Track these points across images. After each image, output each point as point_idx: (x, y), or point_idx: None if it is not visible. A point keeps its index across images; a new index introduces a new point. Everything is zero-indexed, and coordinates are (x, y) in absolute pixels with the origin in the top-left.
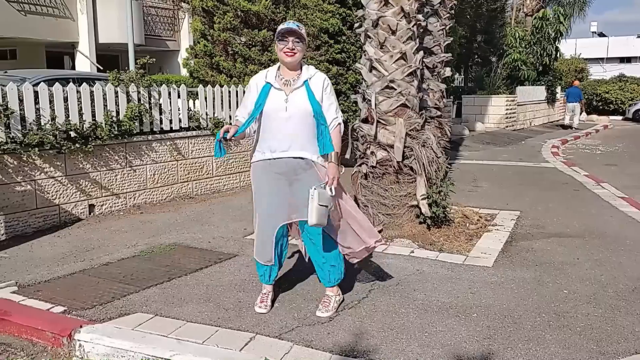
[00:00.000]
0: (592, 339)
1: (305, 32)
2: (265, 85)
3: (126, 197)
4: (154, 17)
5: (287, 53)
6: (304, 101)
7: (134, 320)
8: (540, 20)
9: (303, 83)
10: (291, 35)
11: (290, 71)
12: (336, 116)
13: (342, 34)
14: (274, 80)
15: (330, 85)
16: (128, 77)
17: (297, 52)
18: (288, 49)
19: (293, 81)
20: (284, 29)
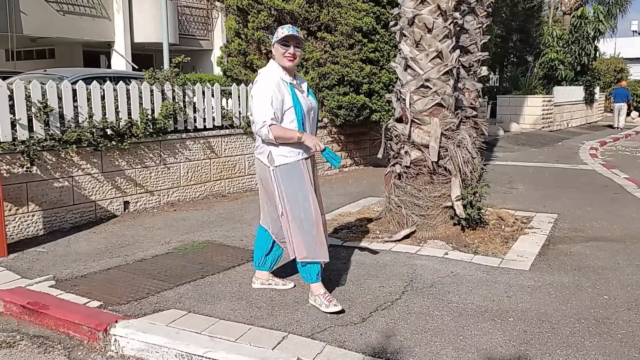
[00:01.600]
0: (634, 347)
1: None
2: (290, 85)
3: (160, 194)
4: (188, 17)
5: (288, 58)
6: (314, 101)
7: (167, 316)
8: (579, 19)
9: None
10: (293, 41)
11: (291, 74)
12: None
13: (376, 32)
14: (292, 80)
15: None
16: (163, 75)
17: (297, 57)
18: (290, 54)
19: (297, 84)
20: (286, 35)
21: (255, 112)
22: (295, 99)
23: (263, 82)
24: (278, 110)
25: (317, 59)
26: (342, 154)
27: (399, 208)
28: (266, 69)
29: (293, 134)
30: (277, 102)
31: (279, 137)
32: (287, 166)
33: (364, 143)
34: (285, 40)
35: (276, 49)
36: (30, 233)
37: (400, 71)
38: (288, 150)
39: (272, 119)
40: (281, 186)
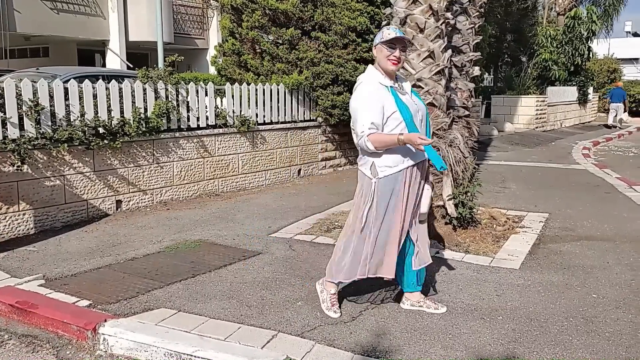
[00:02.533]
0: (621, 345)
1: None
2: (391, 89)
3: (153, 193)
4: (183, 16)
5: (393, 61)
6: (422, 103)
7: (157, 315)
8: (573, 20)
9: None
10: (399, 44)
11: (392, 78)
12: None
13: (370, 32)
14: (393, 84)
15: None
16: (156, 74)
17: (401, 61)
18: (395, 57)
19: (400, 87)
20: (393, 37)
21: (356, 125)
22: (398, 102)
23: (360, 91)
24: (378, 118)
25: (311, 59)
26: (336, 153)
27: None
28: (364, 75)
29: (392, 137)
30: (375, 110)
31: (378, 144)
32: (390, 177)
33: None
34: (392, 42)
35: (379, 50)
36: (21, 232)
37: None
38: (392, 160)
39: (370, 128)
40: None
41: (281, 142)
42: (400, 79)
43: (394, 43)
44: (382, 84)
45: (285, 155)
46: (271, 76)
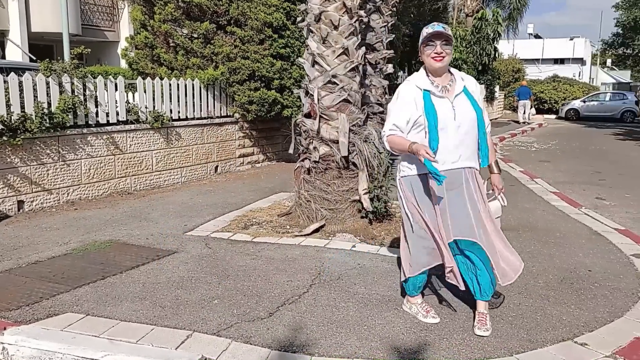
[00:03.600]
0: (522, 328)
1: (451, 33)
2: (425, 93)
3: (59, 192)
4: (92, 7)
5: (435, 58)
6: (470, 108)
7: (63, 320)
8: (480, 21)
9: (462, 88)
10: (438, 39)
11: (442, 76)
12: (489, 122)
13: (287, 28)
14: (430, 87)
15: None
16: (61, 67)
17: (446, 55)
18: (436, 54)
19: (450, 87)
20: (430, 32)
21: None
22: (428, 106)
23: (396, 92)
24: (401, 120)
25: (227, 54)
26: (254, 150)
27: (309, 202)
28: (409, 76)
29: (405, 143)
30: (400, 112)
31: (393, 146)
32: (409, 178)
33: (276, 139)
34: (429, 39)
35: (422, 51)
36: None
37: (308, 67)
38: (411, 162)
39: (391, 129)
40: (402, 198)
41: (197, 139)
42: (458, 78)
43: (431, 39)
44: (418, 86)
45: (201, 151)
46: (186, 71)
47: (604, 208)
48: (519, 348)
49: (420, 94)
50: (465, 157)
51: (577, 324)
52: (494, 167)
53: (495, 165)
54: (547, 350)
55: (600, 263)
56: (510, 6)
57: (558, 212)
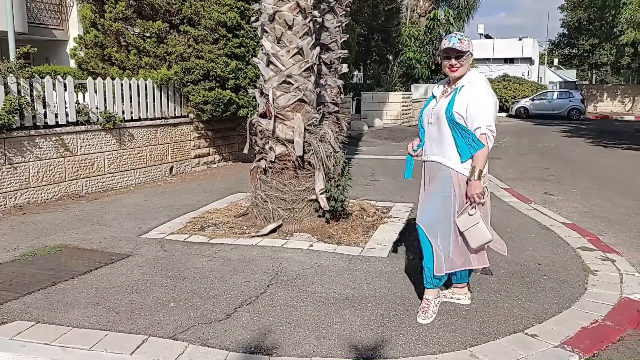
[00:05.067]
0: (476, 322)
1: (468, 44)
2: (431, 96)
3: (5, 197)
4: (38, 4)
5: (450, 69)
6: (444, 108)
7: (12, 328)
8: (432, 21)
9: (453, 90)
10: (452, 53)
11: (455, 82)
12: (479, 126)
13: (241, 28)
14: (437, 91)
15: (485, 93)
16: (6, 67)
17: (460, 66)
18: (450, 65)
19: (450, 89)
20: (444, 48)
21: None
22: (423, 108)
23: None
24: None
25: (180, 53)
26: (209, 150)
27: (265, 203)
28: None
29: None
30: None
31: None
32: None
33: (233, 139)
34: (445, 52)
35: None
36: None
37: (263, 67)
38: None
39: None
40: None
41: (151, 139)
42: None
43: (448, 53)
44: (433, 92)
45: (155, 152)
46: (138, 71)
47: (552, 203)
48: (473, 341)
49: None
50: (436, 152)
51: (528, 316)
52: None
53: (474, 171)
54: (499, 342)
55: (549, 256)
56: (458, 5)
57: (509, 207)
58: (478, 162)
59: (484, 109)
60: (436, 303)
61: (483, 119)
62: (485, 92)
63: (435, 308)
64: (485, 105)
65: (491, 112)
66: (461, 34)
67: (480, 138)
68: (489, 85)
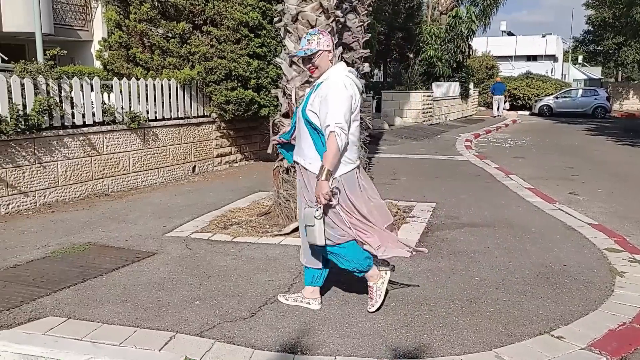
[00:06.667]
0: (500, 323)
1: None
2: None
3: (35, 195)
4: (64, 6)
5: (309, 70)
6: (301, 106)
7: (45, 324)
8: (454, 19)
9: (313, 86)
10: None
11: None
12: (328, 123)
13: (263, 28)
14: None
15: (335, 89)
16: (36, 68)
17: (316, 67)
18: (307, 69)
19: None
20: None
21: None
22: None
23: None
24: None
25: (203, 53)
26: (231, 149)
27: (288, 202)
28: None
29: None
30: None
31: None
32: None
33: (254, 138)
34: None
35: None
36: None
37: (286, 67)
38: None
39: None
40: None
41: (174, 139)
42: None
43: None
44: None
45: (178, 152)
46: (162, 71)
47: (577, 203)
48: (498, 342)
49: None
50: (296, 151)
51: (554, 318)
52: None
53: (323, 171)
54: (524, 344)
55: (574, 257)
56: (483, 2)
57: (533, 207)
58: (326, 161)
59: (335, 105)
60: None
61: (332, 116)
62: (340, 87)
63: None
64: (337, 102)
65: (342, 108)
66: (311, 33)
67: (329, 137)
68: (350, 78)
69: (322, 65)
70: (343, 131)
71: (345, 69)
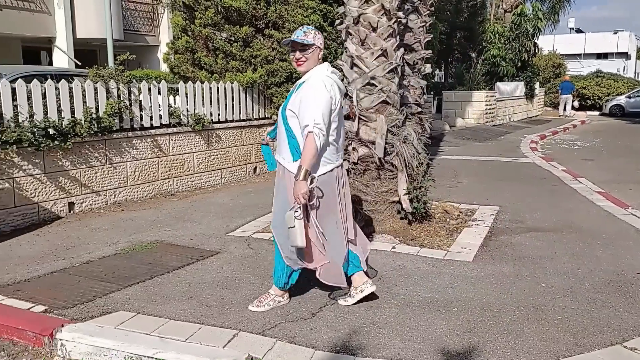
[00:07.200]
0: (569, 332)
1: (313, 37)
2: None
3: (106, 194)
4: (133, 12)
5: (296, 62)
6: (281, 106)
7: (116, 318)
8: (519, 17)
9: (297, 86)
10: (296, 46)
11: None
12: (307, 124)
13: (323, 30)
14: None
15: (315, 90)
16: (108, 73)
17: (306, 59)
18: (296, 59)
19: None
20: (287, 40)
21: None
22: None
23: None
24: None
25: (265, 56)
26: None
27: None
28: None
29: None
30: None
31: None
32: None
33: None
34: (290, 45)
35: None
36: None
37: (347, 69)
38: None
39: None
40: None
41: (236, 140)
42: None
43: (293, 46)
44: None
45: (240, 153)
46: (225, 74)
47: None
48: (566, 352)
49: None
50: (278, 150)
51: (626, 328)
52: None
53: (300, 171)
54: (595, 354)
55: None
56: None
57: (603, 212)
58: (304, 161)
59: (314, 105)
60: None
61: (310, 116)
62: (321, 88)
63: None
64: (316, 102)
65: (322, 108)
66: (308, 27)
67: (307, 137)
68: (331, 79)
69: (310, 61)
70: (321, 132)
71: (328, 70)
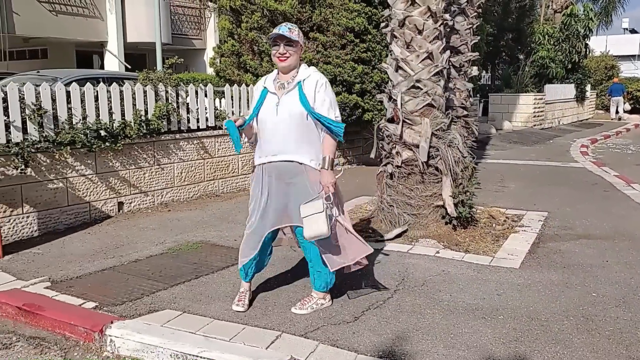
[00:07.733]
0: (621, 343)
1: (298, 34)
2: (263, 90)
3: (154, 194)
4: (181, 17)
5: (279, 58)
6: (296, 103)
7: (162, 316)
8: (569, 17)
9: (296, 85)
10: (281, 40)
11: (286, 74)
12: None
13: (368, 32)
14: (271, 84)
15: (326, 85)
16: (156, 76)
17: (290, 55)
18: (280, 54)
19: (287, 84)
20: (273, 34)
21: None
22: (258, 103)
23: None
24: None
25: (309, 59)
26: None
27: (391, 207)
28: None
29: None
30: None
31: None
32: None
33: (357, 142)
34: (274, 40)
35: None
36: (25, 234)
37: (392, 72)
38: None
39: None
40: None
41: None
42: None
43: (276, 41)
44: (264, 84)
45: None
46: None
47: None
48: None
49: (261, 91)
50: (289, 150)
51: None
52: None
53: (326, 161)
54: None
55: None
56: None
57: None
58: (331, 152)
59: (334, 101)
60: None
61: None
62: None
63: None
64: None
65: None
66: (292, 25)
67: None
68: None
69: (294, 57)
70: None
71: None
